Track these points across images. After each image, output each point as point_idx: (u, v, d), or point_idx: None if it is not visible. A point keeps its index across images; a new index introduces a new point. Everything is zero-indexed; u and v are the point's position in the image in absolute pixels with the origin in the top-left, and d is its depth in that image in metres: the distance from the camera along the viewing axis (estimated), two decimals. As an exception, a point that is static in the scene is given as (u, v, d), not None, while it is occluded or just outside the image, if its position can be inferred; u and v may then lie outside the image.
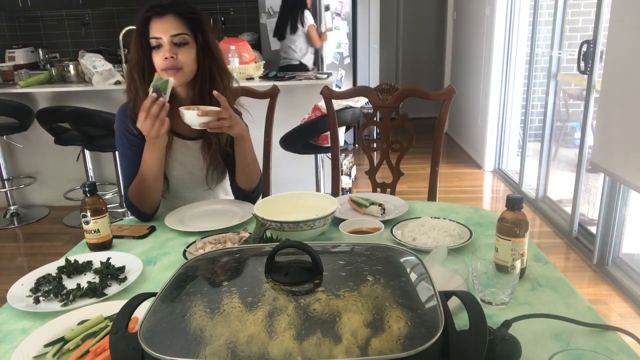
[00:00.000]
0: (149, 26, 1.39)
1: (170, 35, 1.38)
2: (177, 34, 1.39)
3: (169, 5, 1.40)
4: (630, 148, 2.33)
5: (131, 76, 1.45)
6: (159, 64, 1.40)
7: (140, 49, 1.41)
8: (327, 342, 0.57)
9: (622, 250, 2.67)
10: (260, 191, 1.65)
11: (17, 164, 3.95)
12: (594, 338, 0.82)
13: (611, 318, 2.31)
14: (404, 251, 0.79)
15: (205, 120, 1.32)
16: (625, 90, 2.36)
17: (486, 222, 1.33)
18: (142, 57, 1.41)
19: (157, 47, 1.39)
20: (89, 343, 0.83)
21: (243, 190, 1.57)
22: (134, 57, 1.43)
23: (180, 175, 1.56)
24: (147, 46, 1.40)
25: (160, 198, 1.48)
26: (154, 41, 1.39)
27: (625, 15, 2.36)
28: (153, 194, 1.44)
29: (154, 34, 1.38)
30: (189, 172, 1.56)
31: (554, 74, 3.52)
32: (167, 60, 1.38)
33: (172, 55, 1.38)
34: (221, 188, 1.69)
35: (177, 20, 1.39)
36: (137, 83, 1.43)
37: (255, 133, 1.94)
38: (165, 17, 1.38)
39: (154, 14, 1.39)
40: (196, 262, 0.78)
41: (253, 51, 3.75)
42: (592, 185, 3.35)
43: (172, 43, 1.39)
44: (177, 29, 1.39)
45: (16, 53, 4.97)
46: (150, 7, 1.40)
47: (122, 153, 1.51)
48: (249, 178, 1.55)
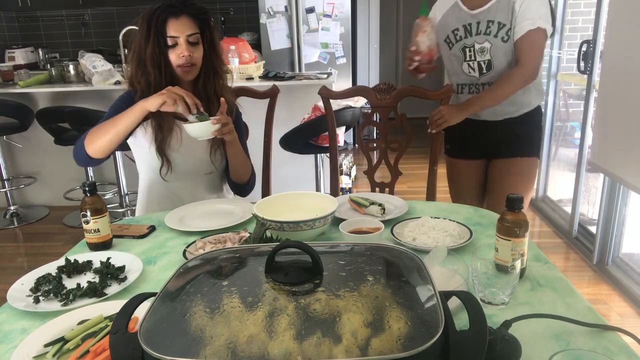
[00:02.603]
0: (166, 25, 1.49)
1: (186, 35, 1.50)
2: (191, 34, 1.51)
3: (183, 6, 1.51)
4: (628, 148, 2.33)
5: (143, 69, 1.53)
6: (175, 60, 1.52)
7: (157, 46, 1.50)
8: (327, 342, 0.57)
9: (622, 250, 2.67)
10: (254, 183, 1.76)
11: (17, 164, 3.95)
12: (594, 338, 0.82)
13: (611, 318, 2.31)
14: (404, 251, 0.79)
15: (218, 128, 1.43)
16: (624, 90, 2.36)
17: (486, 222, 1.33)
18: (158, 54, 1.51)
19: (173, 46, 1.51)
20: (89, 343, 0.83)
21: (237, 183, 1.71)
22: (149, 53, 1.51)
23: (184, 158, 1.61)
24: (164, 44, 1.50)
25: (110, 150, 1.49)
26: (170, 40, 1.50)
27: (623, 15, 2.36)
28: (106, 141, 1.45)
29: (171, 33, 1.49)
30: (192, 154, 1.62)
31: (554, 73, 3.52)
32: (185, 58, 1.50)
33: (189, 54, 1.51)
34: (221, 176, 1.75)
35: (191, 21, 1.51)
36: (150, 76, 1.52)
37: (255, 133, 1.95)
38: (181, 18, 1.50)
39: (171, 14, 1.49)
40: (196, 262, 0.78)
41: (253, 51, 3.75)
42: (592, 185, 3.35)
43: (188, 42, 1.51)
44: (192, 29, 1.51)
45: (16, 53, 4.96)
46: (166, 7, 1.50)
47: (109, 113, 1.55)
48: (241, 174, 1.69)
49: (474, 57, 1.81)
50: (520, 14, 1.72)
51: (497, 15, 1.76)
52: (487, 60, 1.80)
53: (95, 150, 1.47)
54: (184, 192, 1.65)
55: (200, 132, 1.42)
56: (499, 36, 1.76)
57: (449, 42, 1.86)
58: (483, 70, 1.83)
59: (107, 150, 1.48)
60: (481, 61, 1.81)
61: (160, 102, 1.38)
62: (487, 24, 1.77)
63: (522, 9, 1.71)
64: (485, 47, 1.79)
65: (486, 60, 1.81)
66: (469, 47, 1.81)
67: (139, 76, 1.54)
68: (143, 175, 1.69)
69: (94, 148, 1.47)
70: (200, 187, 1.69)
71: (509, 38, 1.76)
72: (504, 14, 1.75)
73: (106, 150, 1.48)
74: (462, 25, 1.81)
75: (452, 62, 1.90)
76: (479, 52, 1.80)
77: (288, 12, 4.44)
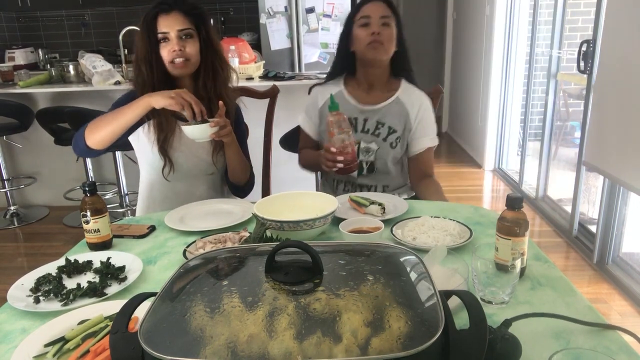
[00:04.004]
0: (156, 22, 1.49)
1: (176, 29, 1.50)
2: (183, 29, 1.51)
3: (174, 3, 1.51)
4: (624, 148, 2.33)
5: (138, 69, 1.54)
6: (167, 56, 1.51)
7: (148, 43, 1.50)
8: (327, 341, 0.57)
9: (622, 249, 2.67)
10: (253, 184, 1.76)
11: (17, 164, 3.95)
12: (594, 337, 0.82)
13: (611, 317, 2.31)
14: (404, 250, 0.78)
15: (216, 131, 1.43)
16: (620, 91, 2.37)
17: (486, 221, 1.33)
18: (149, 51, 1.51)
19: (164, 41, 1.51)
20: (89, 343, 0.83)
21: (235, 184, 1.72)
22: (141, 51, 1.52)
23: (186, 158, 1.62)
24: (154, 41, 1.50)
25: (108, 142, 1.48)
26: (161, 35, 1.50)
27: (620, 16, 2.36)
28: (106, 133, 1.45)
29: (162, 29, 1.50)
30: (194, 154, 1.63)
31: (553, 73, 3.51)
32: (175, 52, 1.49)
33: (180, 48, 1.50)
34: (222, 177, 1.75)
35: (182, 16, 1.51)
36: (144, 75, 1.52)
37: (255, 133, 1.95)
38: (171, 14, 1.50)
39: (161, 11, 1.50)
40: (196, 261, 0.78)
41: (253, 51, 3.75)
42: (592, 185, 3.35)
43: (179, 37, 1.50)
44: (183, 25, 1.51)
45: (16, 53, 4.96)
46: (156, 4, 1.51)
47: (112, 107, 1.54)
48: (239, 175, 1.69)
49: (357, 155, 1.64)
50: (418, 130, 1.67)
51: (388, 118, 1.66)
52: (371, 162, 1.68)
53: (96, 141, 1.47)
54: (186, 192, 1.66)
55: (197, 134, 1.43)
56: (388, 141, 1.66)
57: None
58: (363, 172, 1.70)
59: (106, 142, 1.48)
60: (364, 161, 1.68)
61: (167, 102, 1.39)
62: (377, 125, 1.66)
63: (422, 126, 1.67)
64: (372, 149, 1.67)
65: (369, 161, 1.68)
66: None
67: (136, 75, 1.56)
68: (144, 175, 1.69)
69: (94, 139, 1.47)
70: (201, 187, 1.69)
71: (396, 145, 1.67)
72: (396, 120, 1.67)
73: (106, 141, 1.48)
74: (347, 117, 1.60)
75: None
76: (364, 152, 1.67)
77: (288, 12, 4.44)
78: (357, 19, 1.62)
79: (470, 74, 5.12)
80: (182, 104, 1.39)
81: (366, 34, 1.58)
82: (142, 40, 1.51)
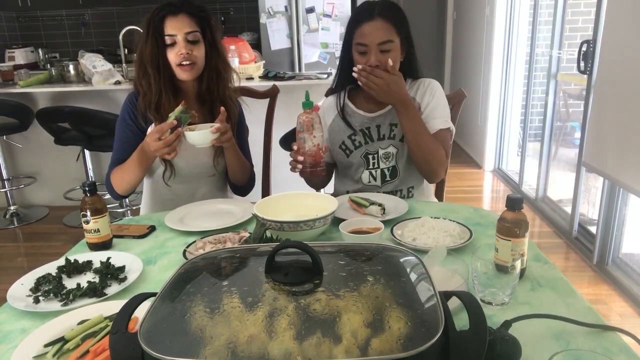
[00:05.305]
0: (163, 24, 1.48)
1: (184, 33, 1.49)
2: (190, 32, 1.49)
3: (181, 5, 1.50)
4: (624, 149, 2.33)
5: (144, 71, 1.53)
6: (174, 59, 1.50)
7: (155, 45, 1.49)
8: (327, 342, 0.57)
9: (622, 250, 2.67)
10: (253, 183, 1.77)
11: (17, 164, 3.94)
12: (594, 338, 0.82)
13: (611, 318, 2.31)
14: (404, 251, 0.79)
15: (217, 137, 1.43)
16: (620, 91, 2.36)
17: (486, 222, 1.33)
18: (157, 53, 1.50)
19: (171, 45, 1.49)
20: (89, 343, 0.83)
21: (237, 185, 1.73)
22: (148, 53, 1.50)
23: (186, 162, 1.62)
24: (162, 43, 1.49)
25: (136, 186, 1.60)
26: (168, 39, 1.49)
27: (620, 16, 2.36)
28: (131, 184, 1.58)
29: (169, 31, 1.48)
30: (195, 158, 1.62)
31: (553, 73, 3.51)
32: (183, 56, 1.48)
33: (187, 52, 1.49)
34: (222, 178, 1.75)
35: (190, 19, 1.50)
36: (150, 77, 1.51)
37: (255, 133, 1.95)
38: (179, 16, 1.49)
39: (169, 13, 1.48)
40: (196, 262, 0.78)
41: (253, 51, 3.75)
42: (592, 185, 3.35)
43: (187, 40, 1.49)
44: (190, 27, 1.50)
45: (16, 53, 4.96)
46: (164, 6, 1.49)
47: (118, 135, 1.60)
48: (239, 177, 1.69)
49: (378, 164, 1.62)
50: (427, 113, 1.58)
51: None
52: (392, 167, 1.63)
53: (125, 190, 1.59)
54: (187, 194, 1.66)
55: (199, 140, 1.44)
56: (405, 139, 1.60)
57: (345, 149, 1.64)
58: (387, 178, 1.64)
59: (134, 187, 1.60)
60: (385, 168, 1.63)
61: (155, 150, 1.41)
62: (390, 127, 1.60)
63: (430, 108, 1.58)
64: (391, 153, 1.61)
65: (390, 167, 1.63)
66: (372, 154, 1.62)
67: (141, 78, 1.54)
68: (147, 178, 1.69)
69: (123, 189, 1.59)
70: (203, 188, 1.69)
71: None
72: None
73: (134, 187, 1.60)
74: (359, 130, 1.62)
75: (348, 170, 1.69)
76: (384, 159, 1.62)
77: (288, 12, 4.44)
78: (355, 40, 1.51)
79: (470, 74, 5.12)
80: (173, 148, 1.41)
81: (364, 61, 1.49)
82: (148, 41, 1.49)
